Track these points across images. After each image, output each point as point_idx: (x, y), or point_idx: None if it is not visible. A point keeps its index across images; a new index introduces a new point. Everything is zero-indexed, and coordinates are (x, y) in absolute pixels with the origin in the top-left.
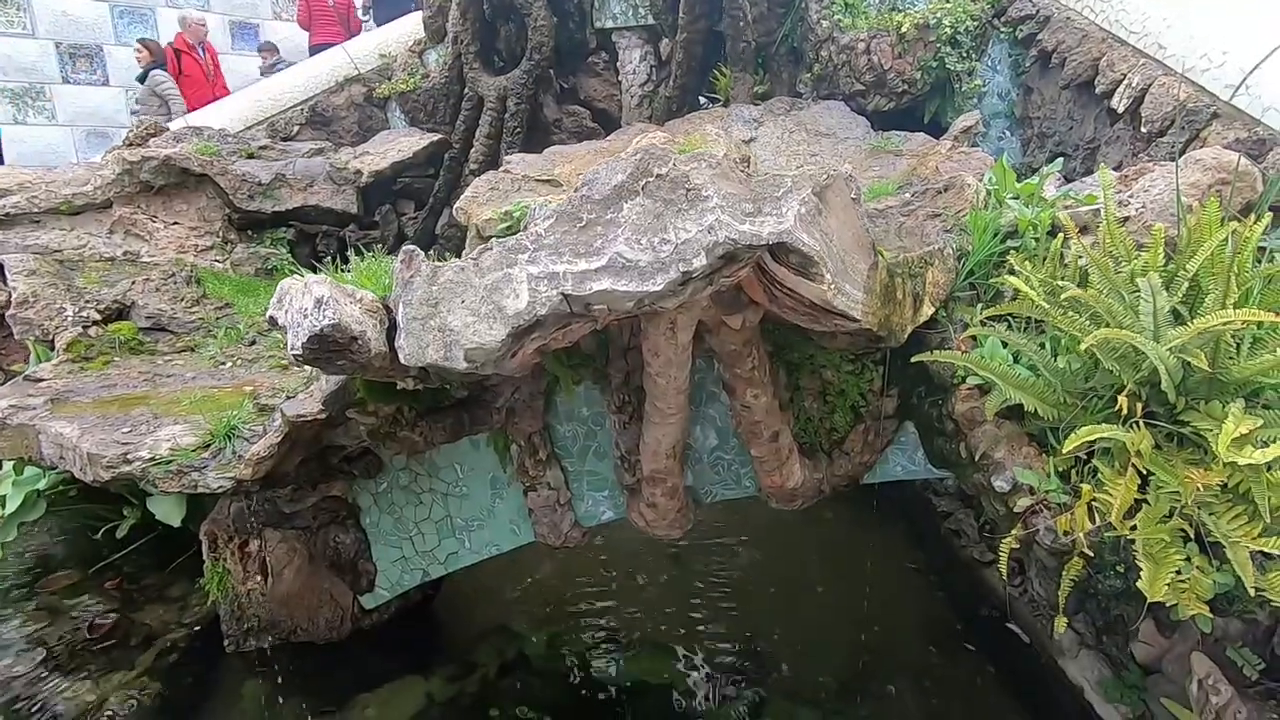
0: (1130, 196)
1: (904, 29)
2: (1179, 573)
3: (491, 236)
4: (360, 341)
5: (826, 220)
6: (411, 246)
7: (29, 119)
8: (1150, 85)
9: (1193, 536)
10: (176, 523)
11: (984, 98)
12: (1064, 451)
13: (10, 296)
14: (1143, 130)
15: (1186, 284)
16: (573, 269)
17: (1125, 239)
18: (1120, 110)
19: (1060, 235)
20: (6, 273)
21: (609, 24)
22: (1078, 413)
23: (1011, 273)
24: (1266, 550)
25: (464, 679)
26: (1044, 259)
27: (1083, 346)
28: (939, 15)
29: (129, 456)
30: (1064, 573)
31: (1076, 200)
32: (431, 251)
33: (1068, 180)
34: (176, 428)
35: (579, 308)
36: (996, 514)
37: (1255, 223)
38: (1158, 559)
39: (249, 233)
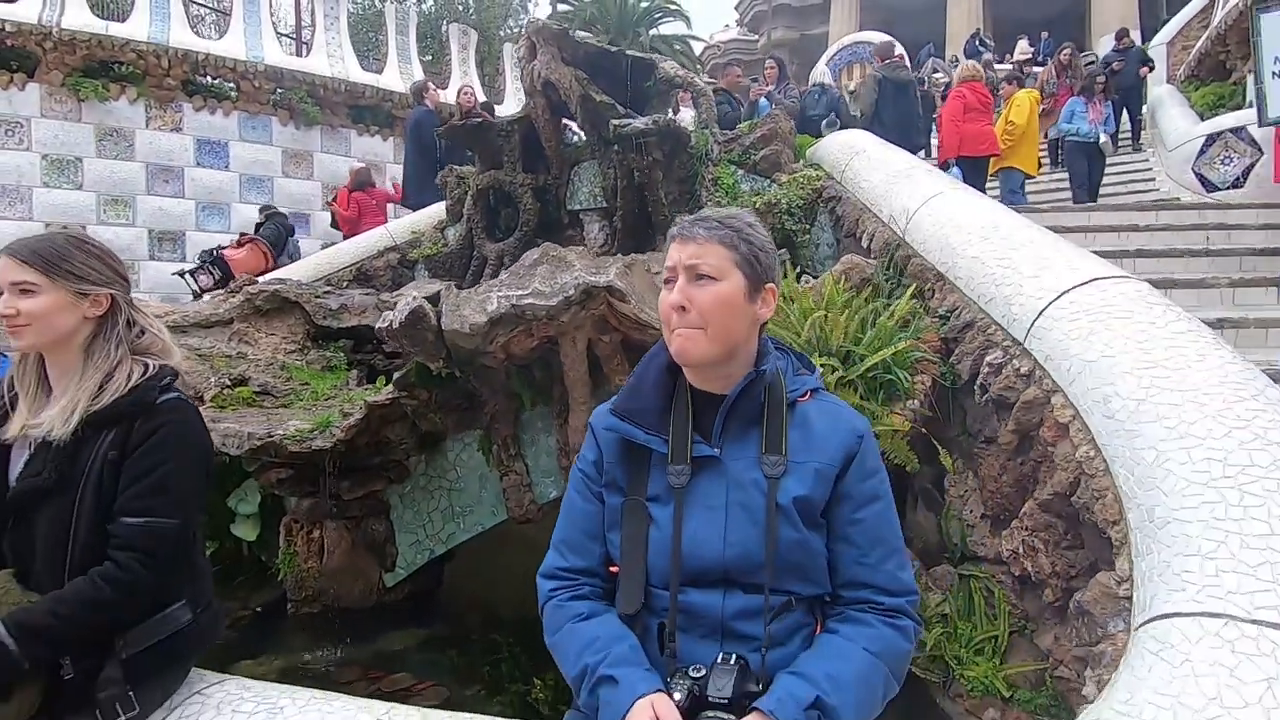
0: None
1: (758, 205)
2: None
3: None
4: (427, 318)
5: (630, 277)
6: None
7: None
8: (873, 231)
9: None
10: (252, 538)
11: (818, 247)
12: None
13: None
14: (871, 254)
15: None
16: (514, 293)
17: (808, 296)
18: (865, 246)
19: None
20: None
21: (577, 206)
22: None
23: None
24: None
25: (454, 627)
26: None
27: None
28: (779, 197)
29: (271, 433)
30: None
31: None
32: None
33: None
34: (297, 420)
35: (518, 311)
36: None
37: (860, 289)
38: None
39: (320, 341)
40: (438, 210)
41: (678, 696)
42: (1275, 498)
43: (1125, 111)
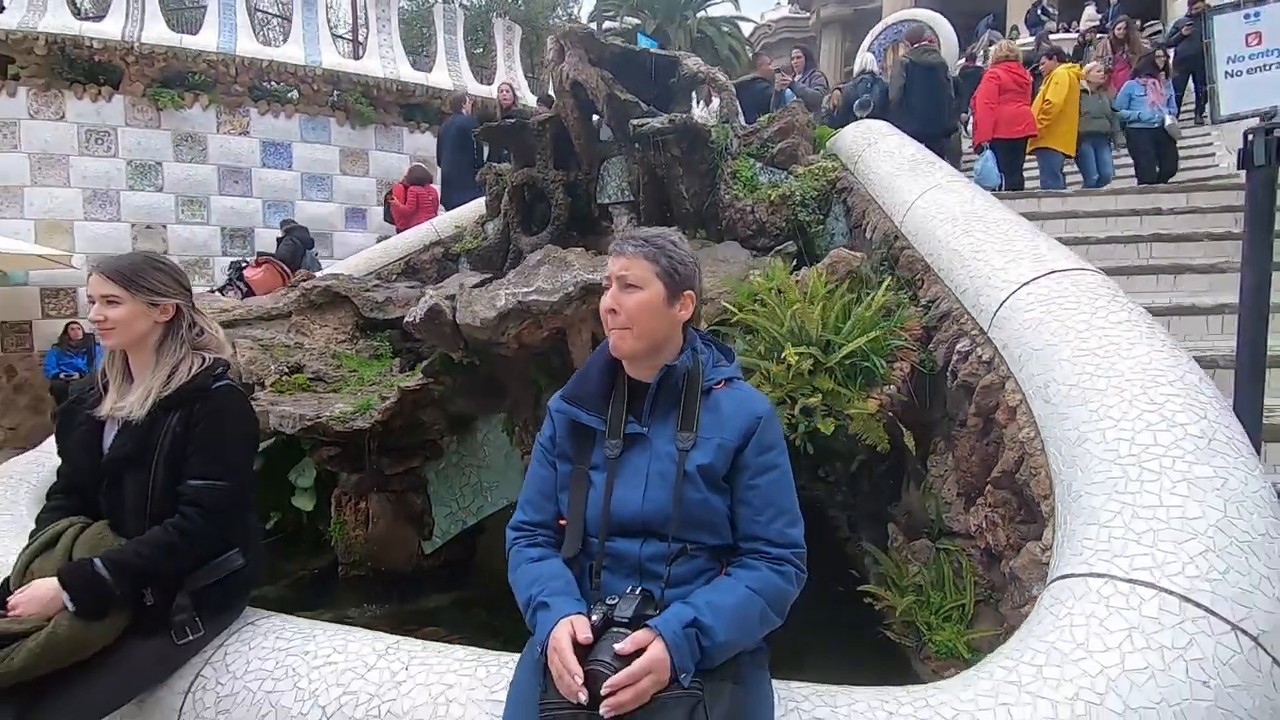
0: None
1: (773, 197)
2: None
3: None
4: (444, 314)
5: None
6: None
7: (195, 282)
8: (876, 222)
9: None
10: (309, 508)
11: (833, 237)
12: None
13: (243, 362)
14: (873, 246)
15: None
16: (520, 290)
17: (794, 289)
18: (868, 238)
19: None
20: (239, 350)
21: (606, 200)
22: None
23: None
24: None
25: (484, 591)
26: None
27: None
28: (793, 189)
29: (319, 414)
30: None
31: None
32: None
33: None
34: (341, 403)
35: (524, 307)
36: None
37: (843, 281)
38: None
39: (368, 332)
40: (479, 206)
41: (595, 618)
42: (1169, 473)
43: (1191, 81)
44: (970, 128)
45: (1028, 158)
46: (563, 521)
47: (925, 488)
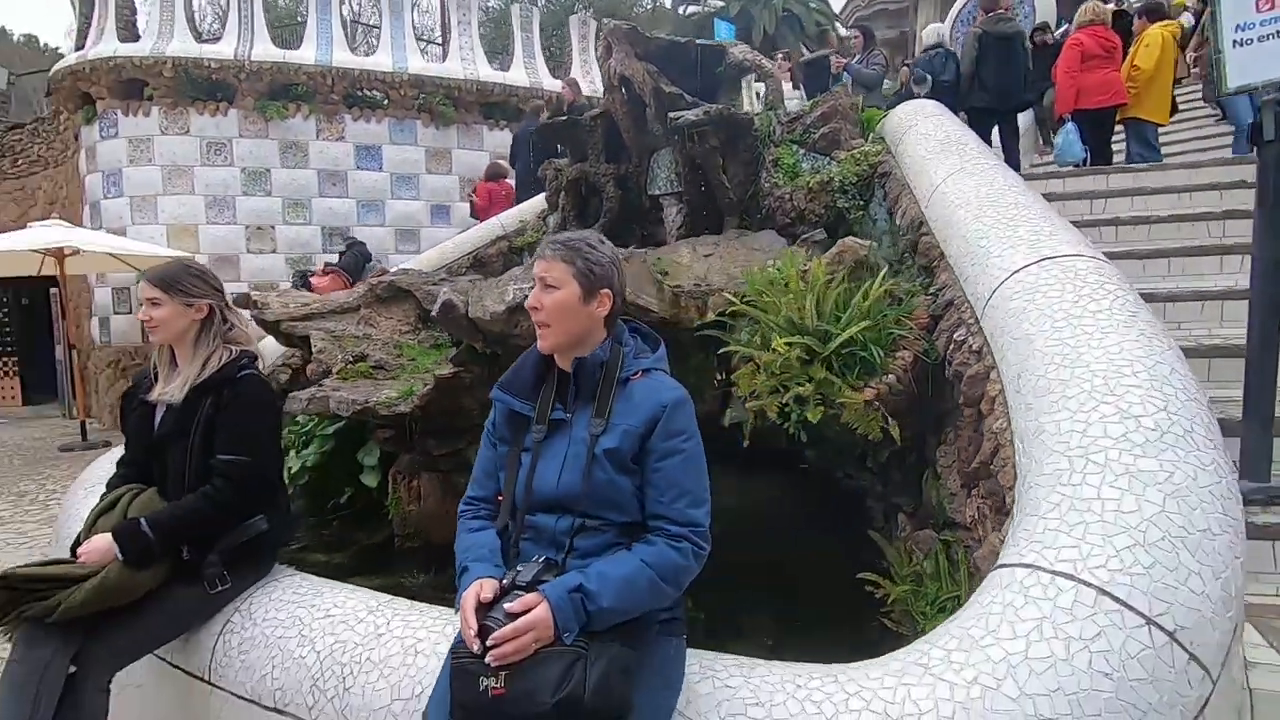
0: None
1: (811, 184)
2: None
3: None
4: (457, 308)
5: (626, 269)
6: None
7: (300, 269)
8: (906, 207)
9: None
10: (374, 485)
11: (875, 223)
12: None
13: (313, 351)
14: (902, 232)
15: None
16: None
17: (796, 279)
18: (898, 224)
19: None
20: (312, 340)
21: (656, 191)
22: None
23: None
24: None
25: None
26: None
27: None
28: (833, 175)
29: (369, 399)
30: None
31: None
32: None
33: None
34: (389, 390)
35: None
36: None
37: (850, 271)
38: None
39: (429, 323)
40: (541, 201)
41: (505, 582)
42: (1112, 465)
43: None
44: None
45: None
46: (500, 497)
47: (929, 478)
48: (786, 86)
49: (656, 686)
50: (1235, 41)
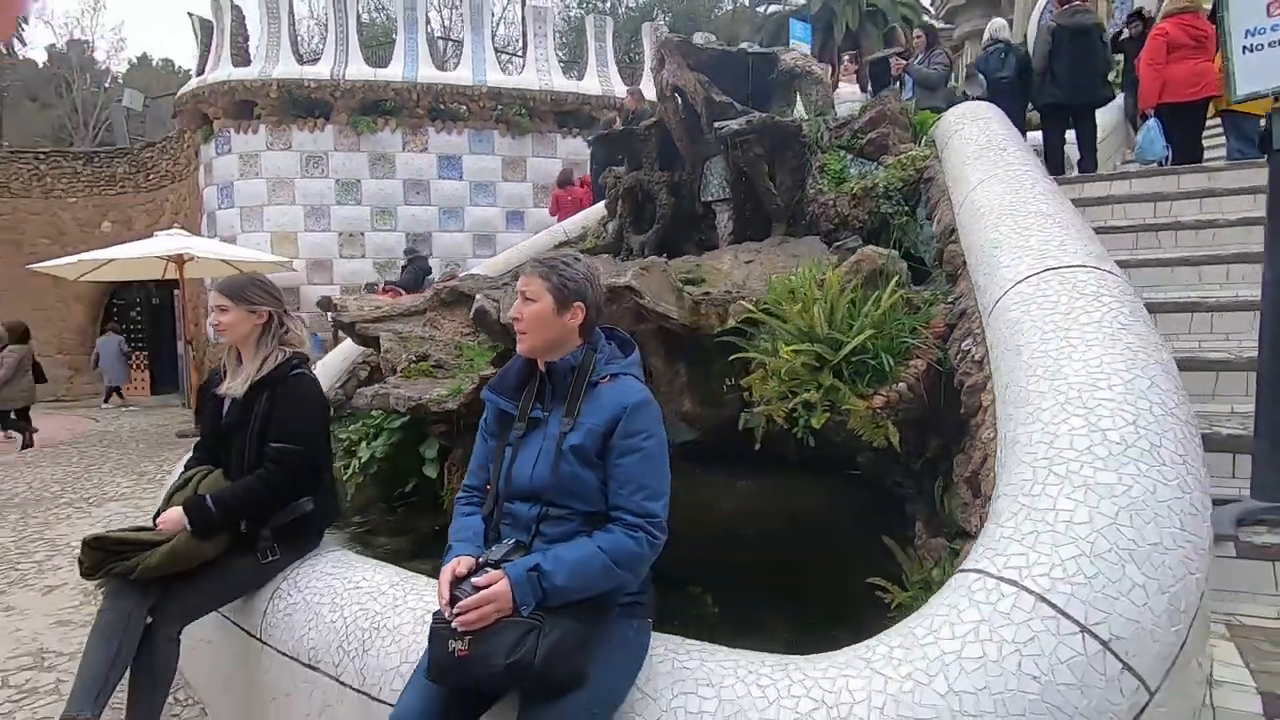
0: None
1: (855, 190)
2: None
3: None
4: (489, 314)
5: (646, 278)
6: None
7: (385, 276)
8: (942, 215)
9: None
10: (434, 475)
11: (922, 228)
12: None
13: (381, 351)
14: (936, 241)
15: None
16: None
17: (813, 288)
18: (935, 231)
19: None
20: (381, 340)
21: (709, 198)
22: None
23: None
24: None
25: None
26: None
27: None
28: (878, 180)
29: (422, 397)
30: None
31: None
32: None
33: None
34: (441, 388)
35: None
36: None
37: (867, 279)
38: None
39: None
40: (602, 207)
41: (480, 560)
42: (1072, 478)
43: None
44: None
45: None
46: (489, 486)
47: (942, 487)
48: (853, 88)
49: (615, 662)
50: (1245, 47)
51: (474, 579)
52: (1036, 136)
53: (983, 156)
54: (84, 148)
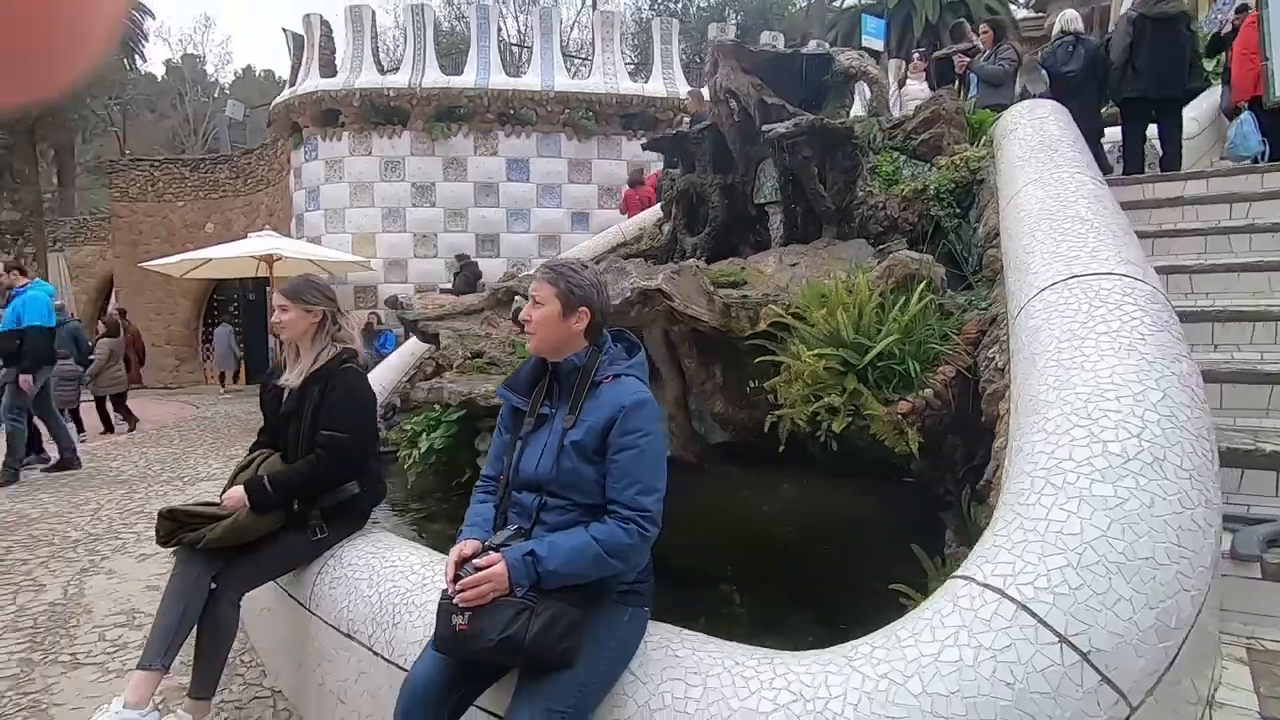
0: None
1: (905, 192)
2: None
3: None
4: None
5: (677, 282)
6: None
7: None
8: (988, 218)
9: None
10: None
11: (975, 232)
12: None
13: (440, 347)
14: (979, 243)
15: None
16: None
17: (843, 293)
18: (981, 235)
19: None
20: (440, 337)
21: (762, 201)
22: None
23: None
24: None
25: None
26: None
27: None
28: (929, 182)
29: (471, 391)
30: None
31: None
32: None
33: None
34: (488, 383)
35: None
36: None
37: (899, 285)
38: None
39: None
40: (658, 210)
41: (486, 544)
42: (1067, 489)
43: None
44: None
45: None
46: (502, 477)
47: (968, 495)
48: (922, 86)
49: (608, 646)
50: None
51: (475, 560)
52: (1117, 134)
53: (1032, 157)
54: (192, 155)
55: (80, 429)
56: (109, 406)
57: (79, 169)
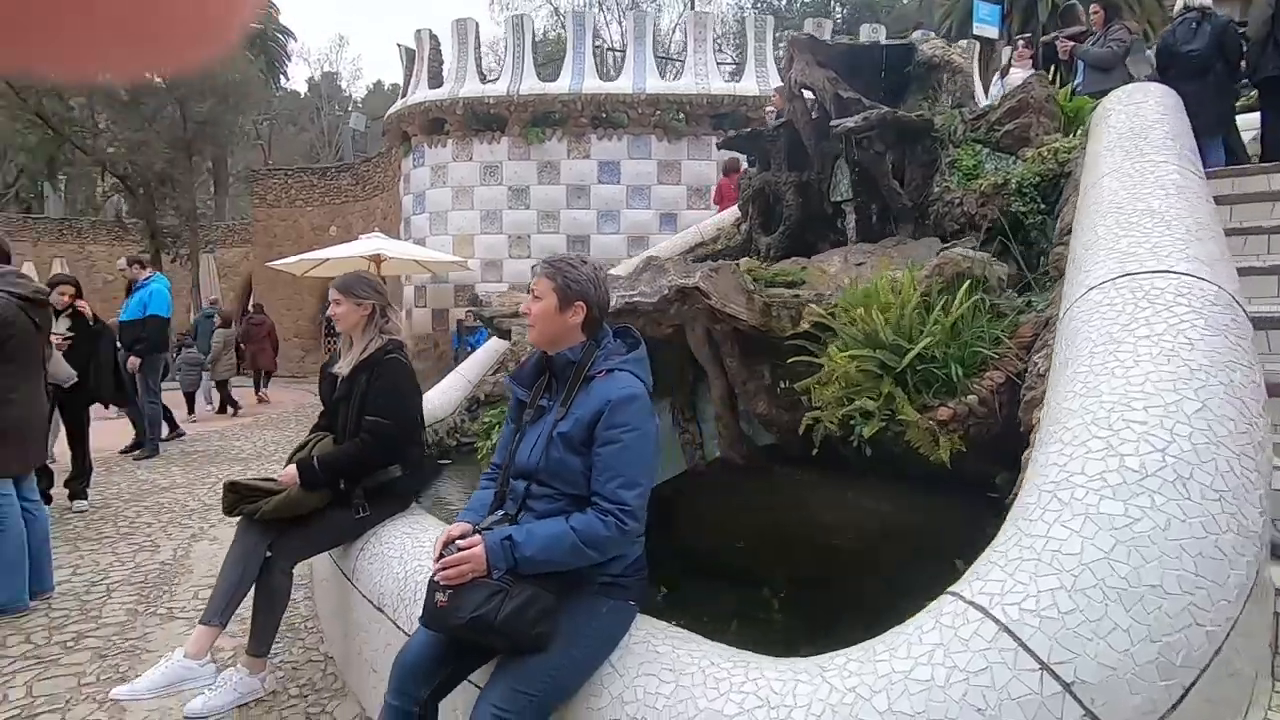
0: None
1: (983, 187)
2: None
3: None
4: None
5: (715, 279)
6: None
7: None
8: (1066, 212)
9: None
10: None
11: (1056, 227)
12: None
13: (511, 342)
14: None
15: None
16: (628, 292)
17: (886, 291)
18: (1058, 229)
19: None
20: (512, 333)
21: (838, 198)
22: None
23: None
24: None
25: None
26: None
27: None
28: (1010, 176)
29: None
30: None
31: None
32: None
33: None
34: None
35: (631, 306)
36: None
37: (948, 284)
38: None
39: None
40: (735, 210)
41: (477, 527)
42: (1073, 505)
43: None
44: None
45: None
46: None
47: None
48: (1027, 74)
49: (585, 635)
50: None
51: (459, 541)
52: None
53: (1117, 146)
54: (322, 165)
55: (190, 410)
56: (229, 390)
57: (231, 178)
